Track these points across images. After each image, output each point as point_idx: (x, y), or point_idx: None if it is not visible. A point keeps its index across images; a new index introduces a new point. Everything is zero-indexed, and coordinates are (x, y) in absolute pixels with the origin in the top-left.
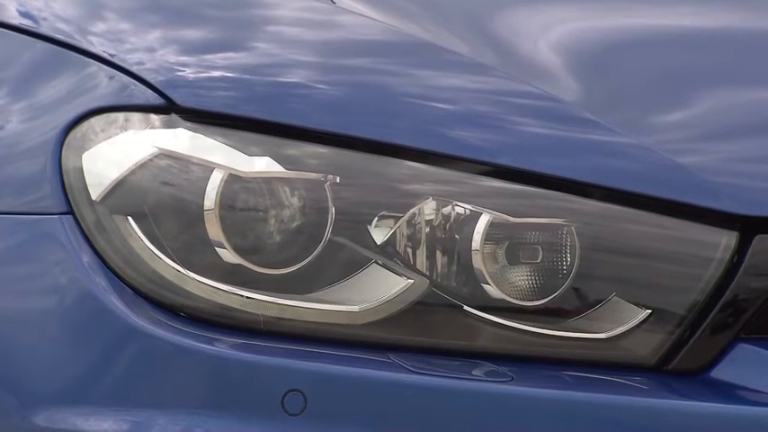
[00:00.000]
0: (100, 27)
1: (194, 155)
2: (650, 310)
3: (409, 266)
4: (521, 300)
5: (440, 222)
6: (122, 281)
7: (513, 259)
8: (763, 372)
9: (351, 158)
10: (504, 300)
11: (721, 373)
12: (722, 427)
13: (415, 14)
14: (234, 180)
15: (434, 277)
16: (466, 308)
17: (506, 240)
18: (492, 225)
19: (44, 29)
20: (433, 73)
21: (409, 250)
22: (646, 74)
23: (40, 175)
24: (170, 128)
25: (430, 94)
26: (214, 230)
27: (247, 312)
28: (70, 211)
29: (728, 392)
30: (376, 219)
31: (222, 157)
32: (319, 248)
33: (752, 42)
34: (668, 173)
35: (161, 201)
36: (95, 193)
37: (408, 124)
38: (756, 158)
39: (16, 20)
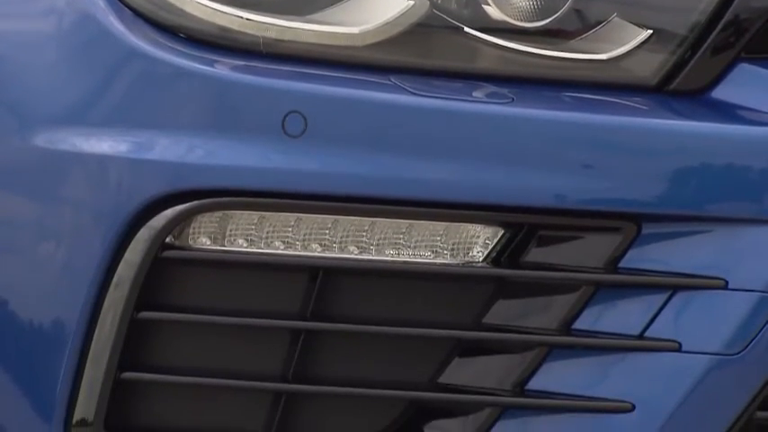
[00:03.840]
0: None
1: None
2: (651, 31)
3: None
4: (522, 21)
5: None
6: (121, 1)
7: None
8: (763, 91)
9: None
10: (504, 21)
11: (722, 93)
12: (722, 145)
13: None
14: None
15: None
16: (466, 29)
17: None
18: None
19: None
20: None
21: None
22: None
23: None
24: None
25: None
26: None
27: (247, 34)
28: None
29: (729, 112)
30: None
31: None
32: None
33: None
34: None
35: None
36: None
37: None
38: None
39: None
